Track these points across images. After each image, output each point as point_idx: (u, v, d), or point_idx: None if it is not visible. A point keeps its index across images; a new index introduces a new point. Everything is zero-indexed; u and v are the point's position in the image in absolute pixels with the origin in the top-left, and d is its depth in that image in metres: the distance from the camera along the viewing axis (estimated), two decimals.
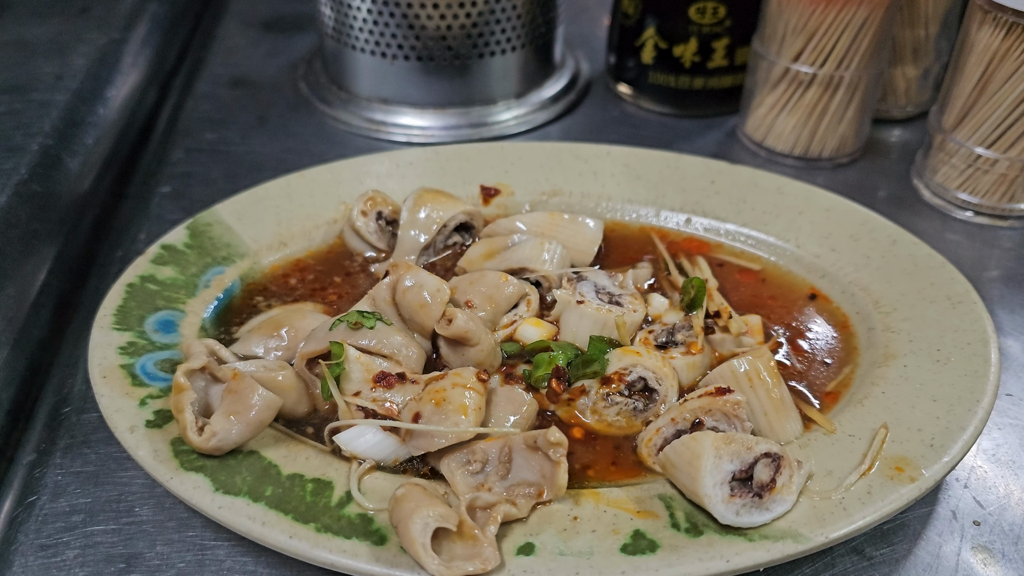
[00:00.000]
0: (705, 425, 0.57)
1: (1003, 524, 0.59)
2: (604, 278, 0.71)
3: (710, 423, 0.57)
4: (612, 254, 0.78)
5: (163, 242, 0.73)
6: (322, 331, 0.63)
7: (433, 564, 0.49)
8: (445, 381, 0.59)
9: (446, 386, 0.58)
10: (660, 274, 0.76)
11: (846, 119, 0.92)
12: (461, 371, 0.60)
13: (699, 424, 0.57)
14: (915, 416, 0.59)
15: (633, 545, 0.52)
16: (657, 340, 0.66)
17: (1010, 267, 0.82)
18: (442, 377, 0.60)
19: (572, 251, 0.75)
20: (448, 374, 0.60)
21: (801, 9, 0.86)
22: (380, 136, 0.99)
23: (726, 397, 0.58)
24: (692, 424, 0.58)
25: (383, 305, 0.66)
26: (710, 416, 0.58)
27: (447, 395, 0.57)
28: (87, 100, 0.92)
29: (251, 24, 1.25)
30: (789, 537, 0.52)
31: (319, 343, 0.62)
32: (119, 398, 0.60)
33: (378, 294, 0.66)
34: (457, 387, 0.58)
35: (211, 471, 0.56)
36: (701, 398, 0.58)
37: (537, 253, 0.72)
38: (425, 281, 0.65)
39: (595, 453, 0.60)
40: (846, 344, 0.69)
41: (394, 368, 0.62)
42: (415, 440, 0.56)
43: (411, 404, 0.58)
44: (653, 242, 0.80)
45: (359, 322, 0.62)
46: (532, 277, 0.72)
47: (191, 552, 0.57)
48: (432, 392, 0.58)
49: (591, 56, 1.15)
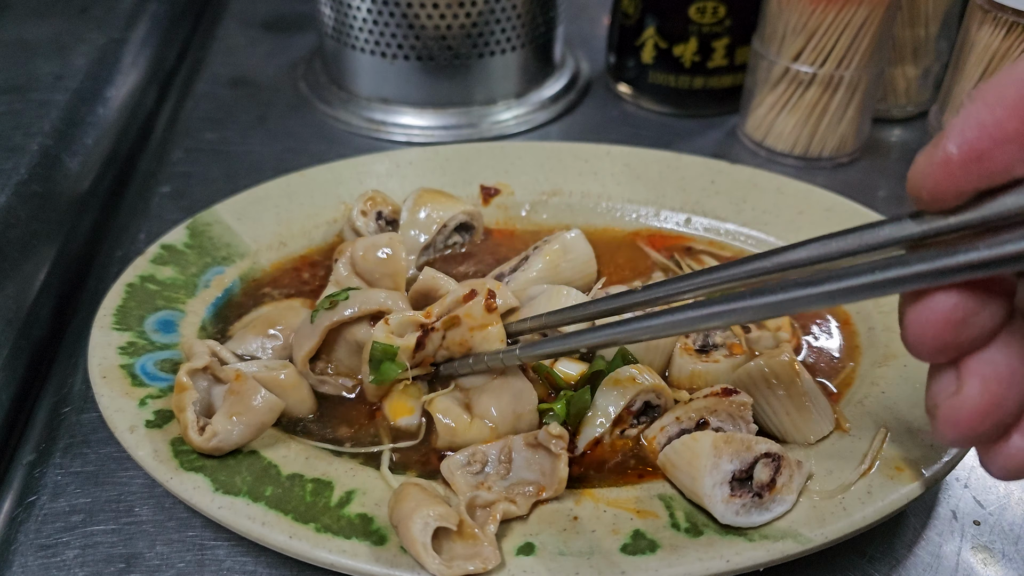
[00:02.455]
0: (710, 425, 0.57)
1: (1003, 524, 0.59)
2: None
3: (715, 423, 0.57)
4: (602, 262, 0.77)
5: (163, 242, 0.73)
6: (306, 327, 0.63)
7: (434, 564, 0.49)
8: (462, 328, 0.60)
9: (465, 336, 0.60)
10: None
11: (846, 119, 0.92)
12: (471, 310, 0.60)
13: (704, 423, 0.57)
14: (915, 416, 0.59)
15: (633, 545, 0.52)
16: (696, 345, 0.66)
17: None
18: (456, 323, 0.60)
19: (579, 279, 0.73)
20: (460, 318, 0.60)
21: (801, 9, 0.86)
22: (380, 136, 0.99)
23: (732, 398, 0.57)
24: (697, 423, 0.58)
25: (347, 282, 0.67)
26: (715, 416, 0.57)
27: (472, 343, 0.60)
28: (87, 100, 0.92)
29: (251, 24, 1.25)
30: (789, 537, 0.52)
31: (310, 338, 0.62)
32: (119, 398, 0.59)
33: (339, 275, 0.67)
34: (475, 331, 0.60)
35: (211, 471, 0.56)
36: (707, 398, 0.58)
37: (555, 305, 0.67)
38: (375, 239, 0.67)
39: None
40: (847, 343, 0.69)
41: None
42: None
43: (442, 353, 0.61)
44: (641, 243, 0.80)
45: (334, 300, 0.62)
46: (550, 334, 0.67)
47: (191, 552, 0.57)
48: (456, 344, 0.60)
49: (591, 56, 1.15)
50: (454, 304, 0.61)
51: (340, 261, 0.68)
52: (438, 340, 0.60)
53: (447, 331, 0.60)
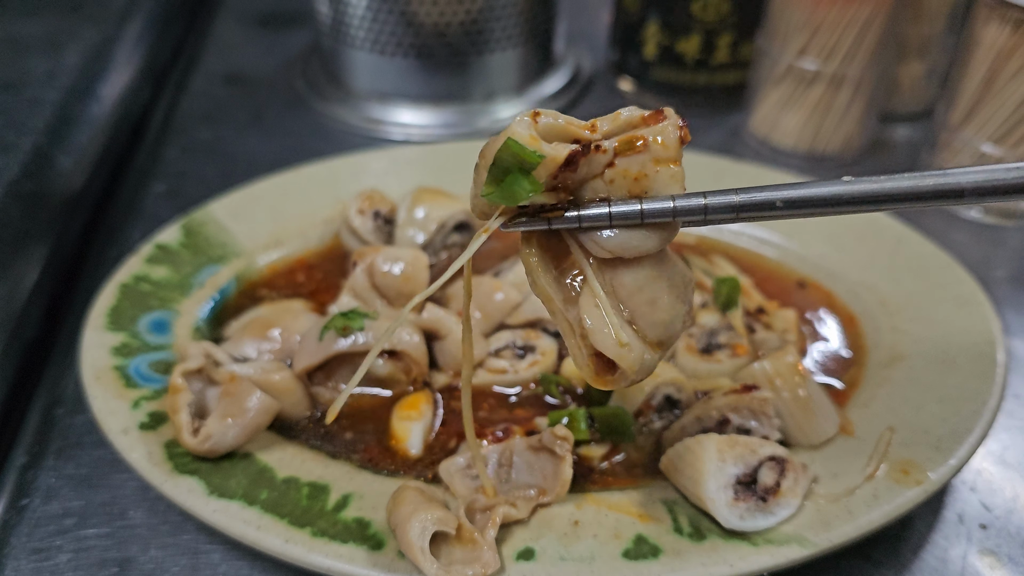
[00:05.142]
0: (732, 423, 0.56)
1: (1010, 528, 0.58)
2: None
3: (737, 420, 0.57)
4: None
5: (157, 241, 0.72)
6: (312, 340, 0.61)
7: (432, 568, 0.48)
8: (642, 158, 0.41)
9: (646, 168, 0.41)
10: None
11: (851, 116, 0.91)
12: (663, 134, 0.41)
13: (726, 421, 0.56)
14: (921, 418, 0.58)
15: (635, 550, 0.51)
16: (700, 345, 0.65)
17: (1017, 267, 0.82)
18: (635, 148, 0.41)
19: None
20: (647, 142, 0.41)
21: (805, 4, 0.85)
22: (377, 134, 0.98)
23: (753, 394, 0.57)
24: (718, 422, 0.57)
25: (364, 293, 0.65)
26: (737, 414, 0.57)
27: (649, 182, 0.41)
28: (80, 98, 0.91)
29: (246, 20, 1.24)
30: (794, 541, 0.51)
31: (313, 355, 0.61)
32: (112, 400, 0.59)
33: (356, 284, 0.65)
34: (661, 164, 0.40)
35: (205, 474, 0.55)
36: (727, 395, 0.57)
37: None
38: (400, 254, 0.65)
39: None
40: (853, 344, 0.68)
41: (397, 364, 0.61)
42: None
43: (595, 187, 0.41)
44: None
45: (347, 326, 0.60)
46: (551, 328, 0.68)
47: (185, 556, 0.56)
48: (626, 177, 0.41)
49: (593, 52, 1.14)
50: (632, 124, 0.42)
51: (360, 266, 0.66)
52: (599, 165, 0.41)
53: (618, 157, 0.41)
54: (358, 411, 0.63)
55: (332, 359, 0.62)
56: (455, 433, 0.61)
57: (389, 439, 0.60)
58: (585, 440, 0.59)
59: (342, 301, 0.65)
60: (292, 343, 0.64)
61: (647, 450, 0.59)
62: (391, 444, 0.60)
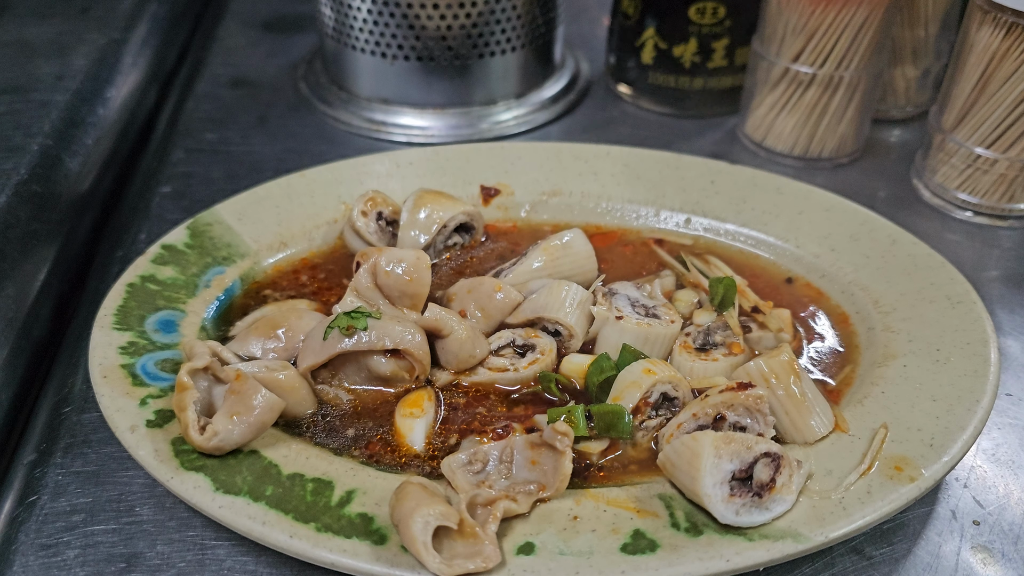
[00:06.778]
0: (728, 420, 0.57)
1: (1003, 524, 0.59)
2: (634, 290, 0.70)
3: (732, 418, 0.57)
4: (603, 261, 0.77)
5: (163, 242, 0.73)
6: (316, 339, 0.62)
7: (435, 562, 0.49)
8: None
9: None
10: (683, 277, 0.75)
11: (846, 119, 0.92)
12: None
13: (721, 419, 0.57)
14: (915, 416, 0.59)
15: (633, 545, 0.52)
16: (696, 344, 0.66)
17: (1010, 267, 0.82)
18: None
19: (578, 275, 0.73)
20: None
21: (801, 9, 0.86)
22: (380, 136, 0.99)
23: (748, 392, 0.57)
24: (714, 419, 0.58)
25: (368, 293, 0.66)
26: (732, 411, 0.57)
27: None
28: (87, 100, 0.92)
29: (251, 24, 1.25)
30: (789, 537, 0.52)
31: (317, 355, 0.62)
32: (119, 398, 0.60)
33: (359, 284, 0.66)
34: None
35: (211, 471, 0.56)
36: (723, 393, 0.58)
37: (555, 299, 0.68)
38: (403, 255, 0.66)
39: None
40: (846, 343, 0.69)
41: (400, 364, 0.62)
42: None
43: None
44: (644, 245, 0.80)
45: (351, 326, 0.61)
46: (550, 327, 0.68)
47: (191, 552, 0.57)
48: None
49: (591, 56, 1.15)
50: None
51: (363, 267, 0.67)
52: None
53: None
54: (362, 408, 0.64)
55: (336, 357, 0.63)
56: (456, 430, 0.62)
57: (392, 436, 0.61)
58: (584, 437, 0.60)
59: (346, 301, 0.66)
60: (297, 342, 0.65)
61: (644, 447, 0.60)
62: (394, 441, 0.61)
